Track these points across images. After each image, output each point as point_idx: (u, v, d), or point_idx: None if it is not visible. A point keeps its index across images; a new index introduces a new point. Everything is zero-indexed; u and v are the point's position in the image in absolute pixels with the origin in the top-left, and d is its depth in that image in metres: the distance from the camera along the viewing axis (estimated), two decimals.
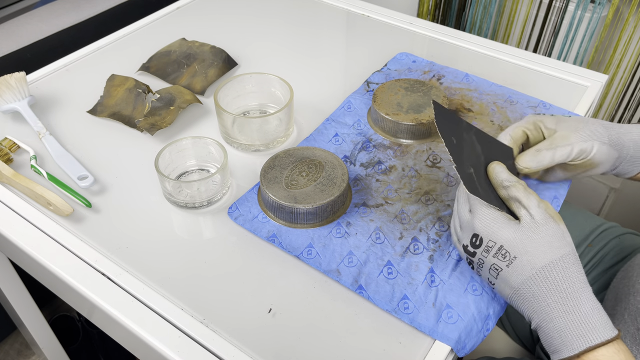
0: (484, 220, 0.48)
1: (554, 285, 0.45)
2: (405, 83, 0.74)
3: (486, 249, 0.47)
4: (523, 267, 0.46)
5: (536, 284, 0.45)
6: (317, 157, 0.63)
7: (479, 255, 0.48)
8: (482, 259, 0.48)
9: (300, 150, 0.64)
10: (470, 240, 0.49)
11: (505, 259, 0.46)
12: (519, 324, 0.81)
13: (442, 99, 0.71)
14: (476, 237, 0.48)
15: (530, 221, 0.47)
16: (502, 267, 0.47)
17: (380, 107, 0.70)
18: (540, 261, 0.45)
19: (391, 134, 0.70)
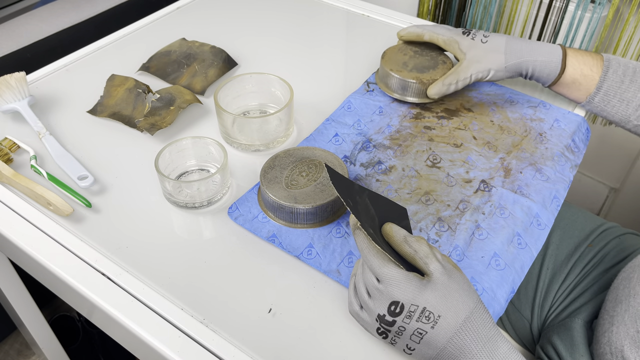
0: (401, 285, 0.44)
1: (476, 334, 0.44)
2: (417, 47, 0.80)
3: (408, 315, 0.44)
4: (448, 324, 0.43)
5: (461, 337, 0.44)
6: (317, 157, 0.63)
7: (400, 323, 0.44)
8: (403, 326, 0.44)
9: (300, 150, 0.64)
10: (388, 309, 0.44)
11: (430, 320, 0.43)
12: (519, 324, 0.81)
13: (449, 65, 0.76)
14: (395, 304, 0.44)
15: (442, 275, 0.45)
16: (427, 330, 0.43)
17: (387, 64, 0.76)
18: (462, 313, 0.44)
19: (393, 90, 0.76)
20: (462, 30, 0.71)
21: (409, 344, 0.44)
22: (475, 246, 0.57)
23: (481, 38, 0.69)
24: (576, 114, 0.74)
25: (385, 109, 0.75)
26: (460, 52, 0.70)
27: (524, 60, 0.66)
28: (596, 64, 0.68)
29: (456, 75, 0.69)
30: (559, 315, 0.76)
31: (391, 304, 0.44)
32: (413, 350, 0.45)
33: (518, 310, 0.81)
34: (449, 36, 0.71)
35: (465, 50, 0.69)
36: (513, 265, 0.55)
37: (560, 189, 0.63)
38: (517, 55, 0.66)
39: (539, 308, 0.79)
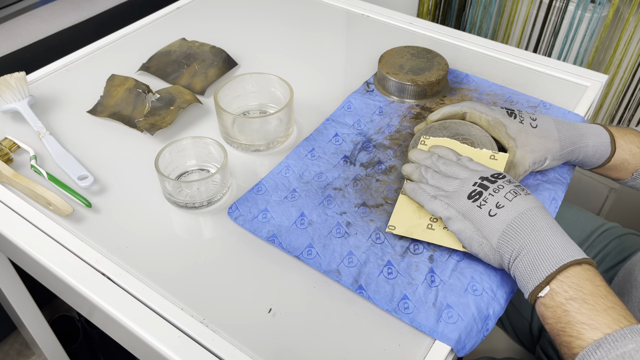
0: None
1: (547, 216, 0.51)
2: (413, 50, 0.80)
3: (509, 180, 0.53)
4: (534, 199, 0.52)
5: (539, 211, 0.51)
6: (472, 135, 0.63)
7: (500, 183, 0.53)
8: (502, 185, 0.53)
9: (457, 124, 0.65)
10: (492, 175, 0.54)
11: (524, 191, 0.52)
12: (519, 324, 0.81)
13: (444, 67, 0.76)
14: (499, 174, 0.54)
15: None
16: (521, 193, 0.52)
17: (383, 67, 0.77)
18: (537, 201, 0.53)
19: (390, 92, 0.77)
20: (506, 111, 0.63)
21: (501, 201, 0.51)
22: None
23: (530, 122, 0.62)
24: (576, 113, 0.74)
25: (385, 109, 0.75)
26: (508, 137, 0.61)
27: (576, 147, 0.61)
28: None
29: (514, 169, 0.60)
30: None
31: (497, 173, 0.54)
32: (500, 209, 0.51)
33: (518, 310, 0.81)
34: (493, 117, 0.62)
35: (514, 136, 0.61)
36: None
37: (559, 190, 0.63)
38: (570, 142, 0.61)
39: None
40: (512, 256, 0.49)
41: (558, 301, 0.46)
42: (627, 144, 0.63)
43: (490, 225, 0.51)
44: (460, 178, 0.55)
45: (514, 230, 0.50)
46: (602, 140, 0.62)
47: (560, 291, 0.46)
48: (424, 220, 0.57)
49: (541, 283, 0.47)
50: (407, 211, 0.58)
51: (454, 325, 0.50)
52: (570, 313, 0.45)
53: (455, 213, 0.53)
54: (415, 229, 0.56)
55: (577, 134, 0.62)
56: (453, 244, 0.55)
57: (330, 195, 0.63)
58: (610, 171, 0.65)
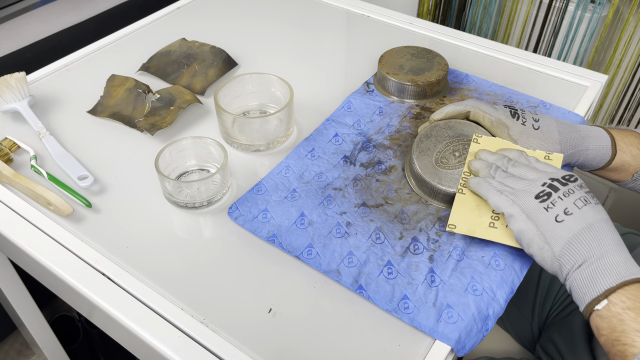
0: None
1: (614, 231, 0.50)
2: (413, 50, 0.80)
3: (580, 185, 0.52)
4: (602, 210, 0.51)
5: (607, 224, 0.50)
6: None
7: (571, 187, 0.52)
8: (573, 189, 0.52)
9: (461, 125, 0.64)
10: (563, 177, 0.53)
11: (594, 199, 0.52)
12: (519, 324, 0.81)
13: (444, 67, 0.76)
14: (571, 175, 0.53)
15: None
16: (591, 201, 0.51)
17: (383, 68, 0.77)
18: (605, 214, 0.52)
19: (390, 92, 0.77)
20: (509, 111, 0.63)
21: (569, 208, 0.50)
22: (476, 246, 0.57)
23: (532, 123, 0.62)
24: (576, 113, 0.74)
25: (385, 109, 0.75)
26: (510, 139, 0.62)
27: (577, 150, 0.62)
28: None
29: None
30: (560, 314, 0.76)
31: (568, 175, 0.53)
32: (568, 216, 0.50)
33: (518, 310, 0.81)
34: (496, 117, 0.63)
35: (516, 138, 0.61)
36: (513, 266, 0.55)
37: None
38: (571, 145, 0.61)
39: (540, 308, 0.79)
40: (573, 267, 0.49)
41: (614, 311, 0.45)
42: (628, 146, 0.63)
43: (555, 232, 0.50)
44: (529, 179, 0.54)
45: (580, 242, 0.49)
46: (603, 144, 0.62)
47: (618, 302, 0.46)
48: (485, 218, 0.56)
49: (599, 296, 0.46)
50: (466, 209, 0.57)
51: (454, 325, 0.50)
52: (625, 322, 0.45)
53: (519, 211, 0.52)
54: (477, 228, 0.55)
55: (579, 136, 0.62)
56: (515, 242, 0.54)
57: (330, 195, 0.63)
58: (611, 173, 0.65)
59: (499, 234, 0.55)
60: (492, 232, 0.55)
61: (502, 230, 0.55)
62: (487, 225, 0.55)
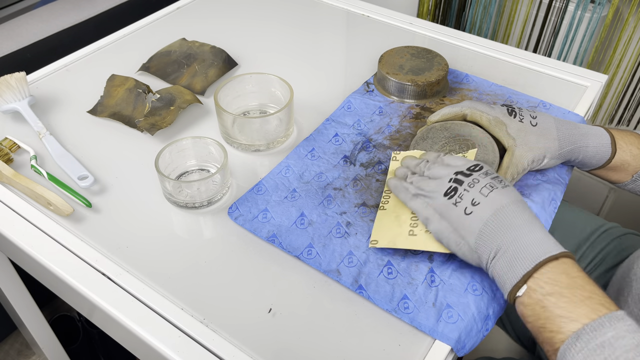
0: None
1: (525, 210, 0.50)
2: (413, 50, 0.81)
3: (485, 173, 0.52)
4: (512, 191, 0.51)
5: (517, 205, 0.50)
6: (472, 136, 0.63)
7: (476, 177, 0.52)
8: (478, 179, 0.52)
9: (457, 125, 0.64)
10: (468, 168, 0.53)
11: (501, 182, 0.52)
12: (519, 324, 0.81)
13: (444, 67, 0.76)
14: (476, 165, 0.54)
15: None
16: (498, 186, 0.51)
17: (383, 67, 0.77)
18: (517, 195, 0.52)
19: (390, 92, 0.77)
20: (506, 109, 0.63)
21: (476, 198, 0.50)
22: None
23: (530, 120, 0.62)
24: (576, 113, 0.74)
25: (385, 109, 0.75)
26: (508, 136, 0.61)
27: (576, 146, 0.61)
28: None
29: (515, 168, 0.60)
30: None
31: (473, 165, 0.54)
32: (476, 206, 0.50)
33: None
34: (494, 115, 0.62)
35: (514, 135, 0.61)
36: None
37: (558, 190, 0.63)
38: (570, 141, 0.61)
39: None
40: (490, 256, 0.49)
41: (535, 298, 0.45)
42: (628, 145, 0.63)
43: (466, 225, 0.50)
44: (440, 177, 0.54)
45: (491, 229, 0.49)
46: (603, 142, 0.62)
47: (537, 288, 0.45)
48: (404, 227, 0.56)
49: (518, 282, 0.46)
50: (386, 222, 0.57)
51: (454, 325, 0.50)
52: (548, 308, 0.45)
53: (432, 213, 0.53)
54: (397, 238, 0.55)
55: (578, 133, 0.62)
56: (437, 247, 0.53)
57: (330, 195, 0.63)
58: (610, 173, 0.65)
59: (420, 240, 0.54)
60: (413, 240, 0.55)
61: (422, 236, 0.54)
62: (407, 234, 0.55)
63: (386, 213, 0.58)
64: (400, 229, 0.56)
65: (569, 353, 0.42)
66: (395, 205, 0.58)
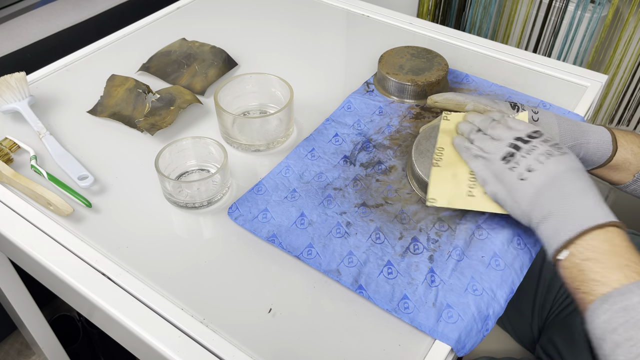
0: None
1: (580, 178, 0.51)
2: (413, 50, 0.81)
3: (544, 140, 0.54)
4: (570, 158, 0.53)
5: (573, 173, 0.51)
6: None
7: (534, 143, 0.54)
8: (536, 145, 0.53)
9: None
10: (528, 134, 0.55)
11: (561, 150, 0.53)
12: (519, 324, 0.81)
13: (444, 67, 0.77)
14: (536, 132, 0.55)
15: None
16: (555, 154, 0.52)
17: (383, 68, 0.77)
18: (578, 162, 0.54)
19: (390, 92, 0.77)
20: (509, 104, 0.64)
21: (532, 165, 0.52)
22: (476, 246, 0.57)
23: (532, 115, 0.63)
24: (576, 113, 0.74)
25: (385, 109, 0.75)
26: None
27: (577, 142, 0.62)
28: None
29: None
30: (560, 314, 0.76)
31: (534, 131, 0.55)
32: (531, 172, 0.52)
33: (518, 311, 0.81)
34: (497, 109, 0.64)
35: None
36: (512, 265, 0.55)
37: None
38: (571, 137, 0.62)
39: (540, 308, 0.79)
40: (539, 220, 0.51)
41: (574, 262, 0.48)
42: (629, 144, 0.63)
43: (520, 190, 0.52)
44: (501, 139, 0.56)
45: (543, 196, 0.51)
46: (604, 139, 0.62)
47: (577, 253, 0.48)
48: (462, 187, 0.57)
49: (560, 247, 0.49)
50: (444, 181, 0.58)
51: (454, 325, 0.50)
52: (584, 272, 0.47)
53: (489, 175, 0.55)
54: (457, 199, 0.57)
55: (579, 130, 0.62)
56: (494, 208, 0.55)
57: (330, 195, 0.63)
58: (612, 172, 0.65)
59: (479, 201, 0.56)
60: (472, 200, 0.56)
61: (480, 197, 0.56)
62: (466, 194, 0.57)
63: (441, 170, 0.59)
64: (459, 189, 0.57)
65: (595, 313, 0.45)
66: (450, 162, 0.59)
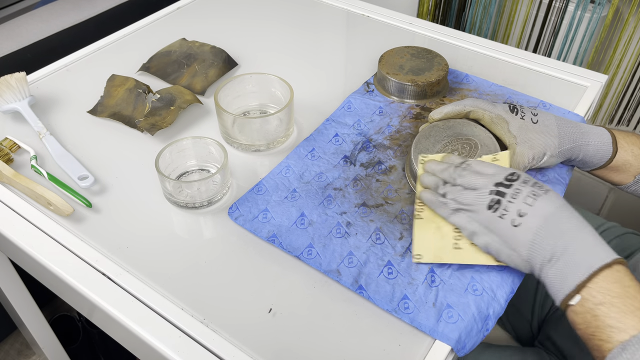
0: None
1: (573, 214, 0.50)
2: (413, 50, 0.81)
3: (524, 181, 0.52)
4: (556, 195, 0.51)
5: (564, 211, 0.50)
6: (474, 135, 0.63)
7: (516, 186, 0.51)
8: (519, 188, 0.51)
9: (460, 124, 0.64)
10: (506, 178, 0.53)
11: (542, 188, 0.51)
12: (519, 325, 0.81)
13: (444, 67, 0.76)
14: (512, 174, 0.53)
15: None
16: (541, 194, 0.50)
17: (383, 68, 0.77)
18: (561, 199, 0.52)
19: (390, 92, 0.77)
20: (508, 106, 0.63)
21: (522, 208, 0.50)
22: None
23: (531, 117, 0.62)
24: (576, 113, 0.74)
25: (385, 109, 0.75)
26: (509, 134, 0.61)
27: (576, 144, 0.61)
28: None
29: (515, 165, 0.61)
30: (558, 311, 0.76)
31: (509, 174, 0.53)
32: (523, 217, 0.50)
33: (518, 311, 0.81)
34: (496, 113, 0.63)
35: (515, 133, 0.61)
36: None
37: (558, 190, 0.63)
38: (570, 139, 0.61)
39: (540, 308, 0.79)
40: (542, 264, 0.49)
41: (587, 307, 0.46)
42: (629, 145, 0.63)
43: (516, 237, 0.50)
44: (477, 188, 0.53)
45: (542, 238, 0.49)
46: (604, 140, 0.62)
47: (590, 297, 0.46)
48: (447, 240, 0.55)
49: (571, 292, 0.47)
50: (428, 234, 0.56)
51: (454, 325, 0.50)
52: (599, 317, 0.45)
53: (478, 226, 0.52)
54: (443, 253, 0.54)
55: (579, 131, 0.62)
56: (486, 259, 0.53)
57: (330, 195, 0.63)
58: (612, 173, 0.65)
59: (467, 254, 0.54)
60: (459, 253, 0.54)
61: (468, 250, 0.54)
62: (452, 247, 0.54)
63: (424, 223, 0.57)
64: (444, 242, 0.55)
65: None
66: (432, 214, 0.57)
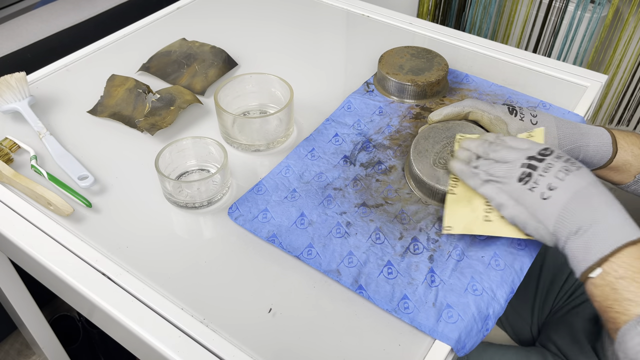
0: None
1: (603, 192, 0.50)
2: (413, 50, 0.81)
3: (557, 156, 0.52)
4: (587, 172, 0.51)
5: (595, 187, 0.50)
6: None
7: (549, 161, 0.52)
8: (551, 163, 0.52)
9: (459, 125, 0.65)
10: (539, 152, 0.53)
11: (574, 165, 0.51)
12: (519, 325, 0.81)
13: (444, 67, 0.77)
14: (546, 149, 0.53)
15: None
16: (572, 170, 0.51)
17: (383, 68, 0.77)
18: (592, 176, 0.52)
19: (390, 92, 0.77)
20: (507, 108, 0.64)
21: (552, 182, 0.50)
22: (476, 246, 0.57)
23: (530, 119, 0.62)
24: (576, 113, 0.74)
25: (385, 109, 0.75)
26: (509, 136, 0.61)
27: (576, 145, 0.62)
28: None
29: None
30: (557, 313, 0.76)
31: (543, 149, 0.53)
32: (553, 191, 0.50)
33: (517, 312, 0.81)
34: (495, 114, 0.63)
35: (515, 134, 0.62)
36: (512, 266, 0.55)
37: None
38: (570, 140, 0.62)
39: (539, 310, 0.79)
40: (568, 236, 0.49)
41: (608, 280, 0.46)
42: (629, 145, 0.63)
43: (544, 210, 0.50)
44: (509, 161, 0.54)
45: (570, 212, 0.49)
46: (604, 141, 0.62)
47: (611, 271, 0.46)
48: (479, 212, 0.56)
49: (593, 265, 0.47)
50: (459, 207, 0.57)
51: (454, 325, 0.50)
52: (618, 291, 0.46)
53: (507, 198, 0.53)
54: (473, 224, 0.55)
55: (578, 132, 0.62)
56: (513, 232, 0.54)
57: (330, 195, 0.63)
58: (612, 173, 0.65)
59: (496, 226, 0.55)
60: (489, 225, 0.55)
61: (498, 222, 0.55)
62: (483, 220, 0.55)
63: (457, 198, 0.58)
64: (475, 215, 0.56)
65: (629, 334, 0.44)
66: (465, 190, 0.58)
